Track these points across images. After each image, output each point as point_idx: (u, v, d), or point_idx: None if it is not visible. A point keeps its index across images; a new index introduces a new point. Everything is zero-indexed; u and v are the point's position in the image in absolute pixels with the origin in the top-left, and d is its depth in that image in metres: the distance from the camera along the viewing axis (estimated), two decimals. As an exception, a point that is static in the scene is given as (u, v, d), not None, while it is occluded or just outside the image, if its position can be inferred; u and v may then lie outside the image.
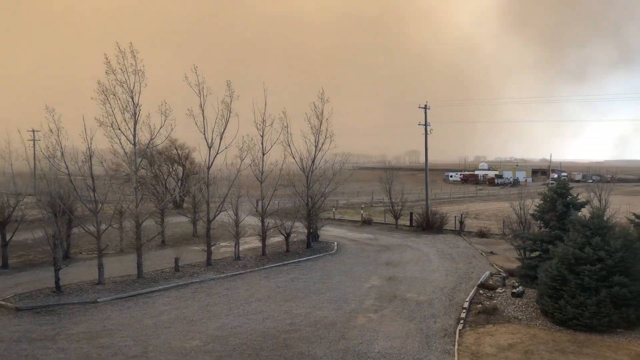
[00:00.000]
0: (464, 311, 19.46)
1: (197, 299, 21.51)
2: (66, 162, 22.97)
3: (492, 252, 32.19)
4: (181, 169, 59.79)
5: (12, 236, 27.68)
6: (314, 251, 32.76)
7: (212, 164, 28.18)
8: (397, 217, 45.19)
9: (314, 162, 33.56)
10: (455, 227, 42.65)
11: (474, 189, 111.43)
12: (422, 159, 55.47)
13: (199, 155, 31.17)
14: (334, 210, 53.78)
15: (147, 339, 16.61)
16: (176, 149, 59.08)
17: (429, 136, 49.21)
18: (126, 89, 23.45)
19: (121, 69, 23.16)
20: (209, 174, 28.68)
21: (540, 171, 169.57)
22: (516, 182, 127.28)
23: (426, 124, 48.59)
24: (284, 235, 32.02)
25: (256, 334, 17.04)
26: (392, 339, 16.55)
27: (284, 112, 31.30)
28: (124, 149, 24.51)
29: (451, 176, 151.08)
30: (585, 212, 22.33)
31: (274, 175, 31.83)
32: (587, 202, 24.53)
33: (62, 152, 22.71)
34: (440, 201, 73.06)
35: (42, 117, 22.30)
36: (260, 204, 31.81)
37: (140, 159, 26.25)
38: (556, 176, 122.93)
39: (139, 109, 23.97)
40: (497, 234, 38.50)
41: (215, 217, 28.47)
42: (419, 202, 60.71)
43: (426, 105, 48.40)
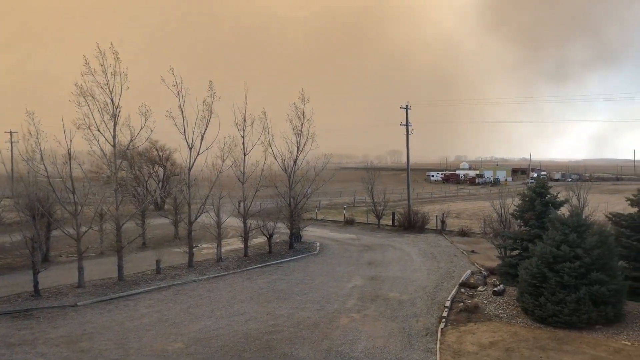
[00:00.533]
0: (446, 310, 19.59)
1: (179, 301, 21.35)
2: (45, 165, 22.66)
3: (473, 251, 32.48)
4: (162, 170, 59.32)
5: (-11, 240, 27.22)
6: (297, 252, 32.74)
7: (193, 165, 27.99)
8: (379, 217, 45.39)
9: (295, 162, 33.54)
10: (436, 226, 42.95)
11: (455, 188, 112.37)
12: (404, 159, 55.78)
13: (180, 156, 30.99)
14: (316, 210, 53.80)
15: (128, 342, 16.44)
16: (157, 150, 58.61)
17: (410, 136, 49.57)
18: (106, 91, 23.18)
19: (102, 70, 22.88)
20: (190, 175, 28.48)
21: (520, 170, 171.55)
22: (497, 182, 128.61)
23: (407, 124, 48.89)
24: (266, 236, 31.94)
25: (239, 336, 16.97)
26: (375, 339, 16.60)
27: (264, 112, 31.26)
28: (103, 151, 24.25)
29: (433, 176, 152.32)
30: (564, 211, 22.65)
31: (256, 176, 31.74)
32: (566, 201, 24.89)
33: (42, 155, 22.39)
34: (422, 201, 73.54)
35: (21, 119, 21.98)
36: (242, 205, 31.71)
37: (120, 161, 25.97)
38: (535, 175, 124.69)
39: (119, 111, 23.72)
40: (478, 233, 38.87)
41: (196, 218, 28.29)
42: (401, 201, 61.04)
43: (407, 105, 48.70)
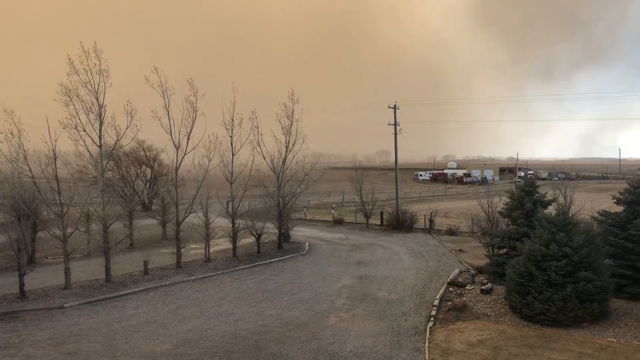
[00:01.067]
0: (435, 309, 19.67)
1: (167, 302, 21.22)
2: (29, 165, 22.41)
3: (461, 250, 32.64)
4: (149, 170, 58.93)
5: (-26, 241, 26.83)
6: (286, 252, 32.68)
7: (180, 165, 27.82)
8: (368, 216, 45.47)
9: (284, 162, 33.47)
10: (425, 225, 43.10)
11: (443, 187, 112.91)
12: (393, 159, 55.92)
13: (167, 156, 30.78)
14: (305, 210, 53.76)
15: (116, 344, 16.31)
16: (144, 150, 58.20)
17: (398, 136, 49.70)
18: (90, 90, 22.99)
19: (84, 69, 22.70)
20: (177, 175, 28.32)
21: (507, 169, 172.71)
22: (484, 181, 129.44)
23: (395, 124, 49.02)
24: (255, 236, 31.85)
25: (227, 336, 16.90)
26: (364, 338, 16.61)
27: (254, 111, 31.14)
28: (89, 151, 24.04)
29: (421, 175, 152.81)
30: (551, 210, 22.81)
31: (244, 175, 31.62)
32: (554, 200, 25.07)
33: (25, 155, 22.14)
34: (410, 200, 73.77)
35: (1, 119, 21.72)
36: (230, 205, 31.59)
37: (106, 161, 25.76)
38: (523, 174, 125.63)
39: (104, 110, 23.54)
40: (466, 232, 39.08)
41: (184, 219, 28.15)
42: (389, 201, 61.25)
43: (395, 105, 48.82)
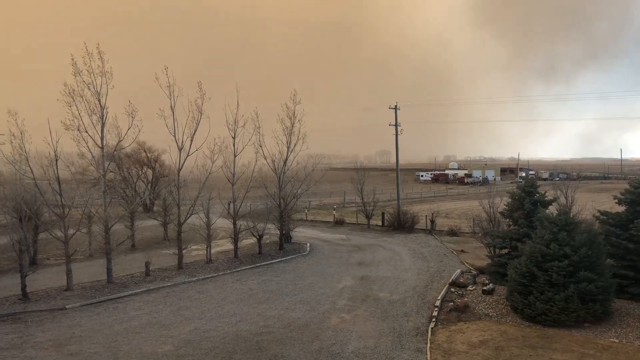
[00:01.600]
0: (436, 309, 19.66)
1: (169, 303, 21.24)
2: (31, 166, 22.45)
3: (462, 251, 32.62)
4: (151, 171, 58.97)
5: (-24, 243, 26.88)
6: (287, 253, 32.69)
7: (182, 166, 27.87)
8: (369, 217, 45.43)
9: (285, 163, 33.49)
10: (426, 226, 43.07)
11: (445, 188, 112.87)
12: (394, 159, 55.93)
13: (170, 157, 30.83)
14: (306, 211, 53.78)
15: (117, 345, 16.33)
16: (145, 151, 58.25)
17: (399, 136, 49.71)
18: (93, 91, 23.05)
19: (87, 70, 22.76)
20: (179, 176, 28.35)
21: (508, 170, 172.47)
22: (485, 181, 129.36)
23: (396, 125, 49.04)
24: (256, 237, 31.87)
25: (229, 337, 16.92)
26: (366, 339, 16.62)
27: (256, 112, 31.19)
28: (91, 152, 24.09)
29: (422, 176, 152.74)
30: (552, 210, 22.80)
31: (246, 176, 31.66)
32: (554, 200, 25.06)
33: (27, 157, 22.19)
34: (411, 201, 73.73)
35: (4, 120, 21.78)
36: (232, 206, 31.61)
37: (108, 162, 25.80)
38: (524, 174, 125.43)
39: (106, 111, 23.59)
40: (468, 233, 39.05)
41: (186, 220, 28.16)
42: (390, 202, 61.23)
43: (396, 105, 48.84)
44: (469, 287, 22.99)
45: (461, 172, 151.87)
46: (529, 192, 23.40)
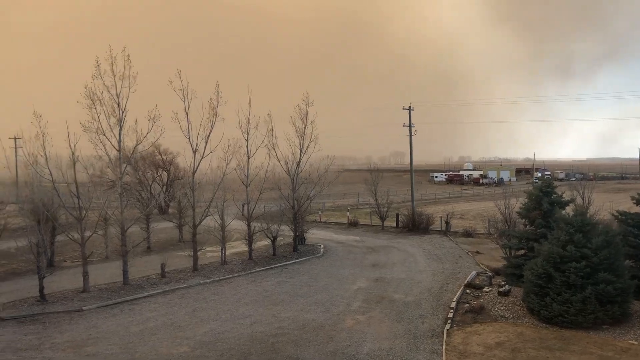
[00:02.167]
0: (452, 311, 19.56)
1: (184, 305, 21.36)
2: (50, 169, 22.71)
3: (478, 252, 32.40)
4: (166, 174, 59.35)
5: (-5, 245, 27.28)
6: (301, 254, 32.72)
7: (197, 168, 28.02)
8: (383, 218, 45.31)
9: (299, 165, 33.53)
10: (441, 227, 42.86)
11: (459, 189, 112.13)
12: (407, 160, 55.76)
13: (184, 159, 30.98)
14: (320, 212, 53.79)
15: (134, 347, 16.46)
16: (160, 154, 58.63)
17: (413, 137, 49.56)
18: (113, 94, 23.25)
19: (112, 72, 22.92)
20: (194, 178, 28.51)
21: (524, 170, 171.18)
22: (501, 182, 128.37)
23: (410, 125, 48.90)
24: (270, 238, 31.93)
25: (244, 339, 16.97)
26: (381, 341, 16.58)
27: (269, 114, 31.28)
28: (108, 155, 24.30)
29: (436, 177, 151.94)
30: (569, 210, 22.56)
31: (260, 178, 31.74)
32: (571, 201, 24.81)
33: (47, 159, 22.45)
34: (425, 202, 73.45)
35: (25, 123, 22.03)
36: (246, 207, 31.72)
37: (125, 165, 26.01)
38: (540, 175, 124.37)
39: (125, 115, 23.77)
40: (483, 234, 38.80)
41: (201, 222, 28.31)
42: (404, 203, 61.01)
43: (410, 106, 48.71)
44: (484, 289, 22.83)
45: (476, 173, 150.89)
46: (546, 192, 23.18)
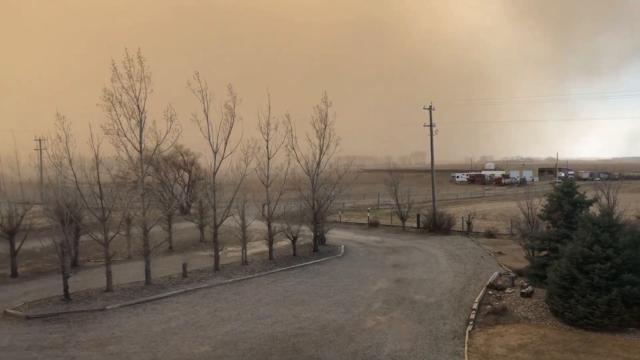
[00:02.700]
0: (473, 312, 19.37)
1: (206, 304, 21.51)
2: (74, 170, 23.06)
3: (500, 253, 32.05)
4: (187, 175, 59.91)
5: (21, 245, 27.77)
6: (321, 254, 32.71)
7: (217, 169, 28.22)
8: (404, 219, 45.04)
9: (319, 165, 33.53)
10: (462, 228, 42.49)
11: (481, 189, 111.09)
12: (428, 160, 55.38)
13: (205, 160, 31.24)
14: (340, 213, 53.72)
15: (156, 346, 16.62)
16: (181, 155, 59.21)
17: (434, 137, 49.20)
18: (132, 96, 23.52)
19: (128, 75, 23.20)
20: (214, 179, 28.70)
21: (547, 170, 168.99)
22: (523, 182, 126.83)
23: (431, 125, 48.56)
24: (290, 239, 31.99)
25: (265, 339, 17.02)
26: (402, 342, 16.49)
27: (288, 115, 31.36)
28: (130, 156, 24.58)
29: (458, 177, 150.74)
30: (594, 210, 22.18)
31: (280, 179, 31.84)
32: (595, 200, 24.39)
33: (70, 160, 22.81)
34: (447, 202, 72.91)
35: (49, 125, 22.40)
36: (266, 208, 31.83)
37: (146, 166, 26.29)
38: (563, 175, 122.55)
39: (145, 116, 24.04)
40: (505, 234, 38.33)
41: (222, 222, 28.50)
42: (425, 203, 60.62)
43: (431, 106, 48.36)
44: (507, 290, 22.56)
45: (498, 173, 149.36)
46: (567, 193, 22.82)
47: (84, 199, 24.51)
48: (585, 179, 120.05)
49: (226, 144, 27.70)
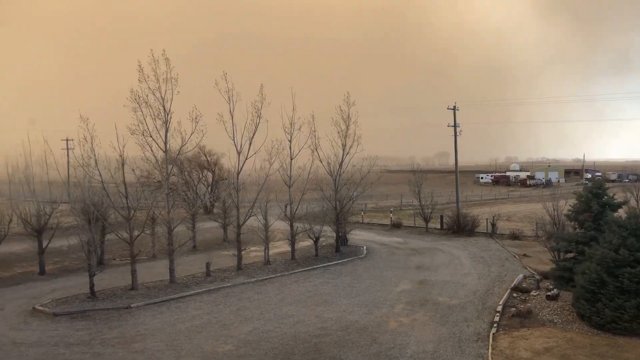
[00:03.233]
0: (498, 315, 19.13)
1: (229, 304, 21.65)
2: (99, 170, 23.43)
3: (525, 255, 31.60)
4: (211, 175, 60.41)
5: (49, 243, 28.29)
6: (343, 255, 32.67)
7: (241, 169, 28.39)
8: (427, 220, 44.67)
9: (341, 165, 33.50)
10: (487, 229, 42.00)
11: (506, 190, 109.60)
12: (452, 161, 54.97)
13: (229, 160, 31.45)
14: (362, 213, 53.60)
15: (180, 344, 16.79)
16: (205, 155, 59.72)
17: (458, 137, 48.80)
18: (158, 97, 23.80)
19: (155, 76, 23.49)
20: (238, 179, 28.88)
21: (573, 171, 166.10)
22: (549, 183, 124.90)
23: (455, 125, 48.21)
24: (312, 239, 32.02)
25: (287, 338, 17.06)
26: (425, 344, 16.36)
27: (312, 115, 31.38)
28: (155, 156, 24.88)
29: (482, 178, 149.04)
30: (621, 213, 21.72)
31: (302, 179, 31.90)
32: (625, 203, 23.87)
33: (96, 160, 23.17)
34: (471, 203, 72.19)
35: (76, 125, 22.78)
36: (288, 208, 31.91)
37: (171, 166, 26.58)
38: (590, 176, 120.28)
39: (170, 117, 24.30)
40: (530, 236, 37.76)
41: (245, 222, 28.66)
42: (449, 204, 60.12)
43: (455, 106, 48.01)
44: (532, 292, 22.23)
45: (523, 174, 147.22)
46: (596, 194, 22.38)
47: (110, 198, 24.89)
48: (613, 181, 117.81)
49: (250, 144, 27.88)
